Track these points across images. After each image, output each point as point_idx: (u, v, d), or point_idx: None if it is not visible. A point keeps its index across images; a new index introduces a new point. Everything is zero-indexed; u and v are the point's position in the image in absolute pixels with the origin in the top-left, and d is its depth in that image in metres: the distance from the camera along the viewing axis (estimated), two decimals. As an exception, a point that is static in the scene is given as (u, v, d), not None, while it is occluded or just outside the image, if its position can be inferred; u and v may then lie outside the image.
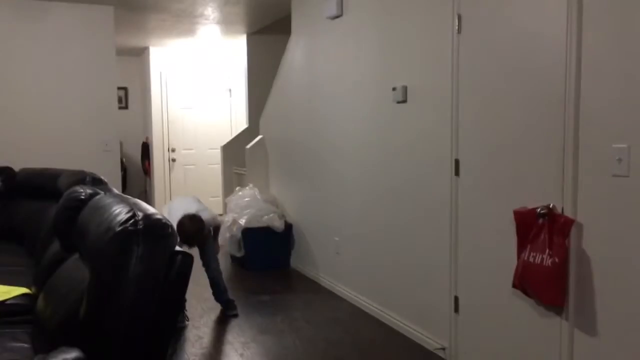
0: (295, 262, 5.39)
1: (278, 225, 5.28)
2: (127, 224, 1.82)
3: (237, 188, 5.88)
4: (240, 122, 8.10)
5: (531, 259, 2.46)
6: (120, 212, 1.91)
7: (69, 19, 5.33)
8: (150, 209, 1.98)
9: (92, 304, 1.82)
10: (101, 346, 1.74)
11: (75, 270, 2.22)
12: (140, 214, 1.86)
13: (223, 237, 5.36)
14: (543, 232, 2.43)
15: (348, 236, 4.37)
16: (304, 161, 5.10)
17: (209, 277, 4.13)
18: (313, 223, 5.00)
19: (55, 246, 2.78)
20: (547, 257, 2.39)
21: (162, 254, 1.85)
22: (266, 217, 5.30)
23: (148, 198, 8.63)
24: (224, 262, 5.26)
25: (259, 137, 6.09)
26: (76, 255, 2.37)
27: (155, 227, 1.84)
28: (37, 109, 5.30)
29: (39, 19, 5.25)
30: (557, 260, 2.36)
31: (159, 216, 1.91)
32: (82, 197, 2.57)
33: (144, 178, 8.86)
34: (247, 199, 5.50)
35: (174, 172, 8.33)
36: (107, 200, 2.24)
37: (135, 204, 2.01)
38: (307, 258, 5.13)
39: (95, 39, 5.44)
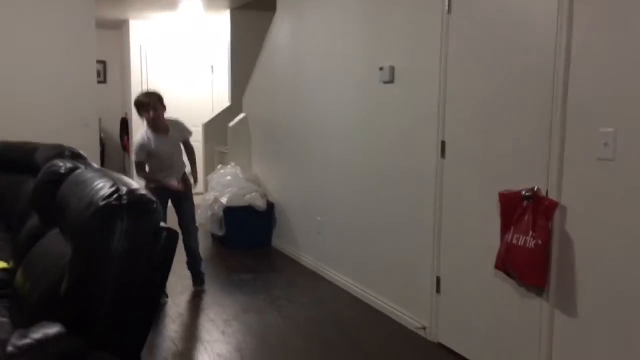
0: (276, 241, 5.38)
1: (260, 204, 5.25)
2: (111, 199, 1.77)
3: (219, 166, 5.82)
4: (222, 99, 7.98)
5: (514, 241, 2.48)
6: (103, 187, 1.86)
7: (47, -12, 5.17)
8: (134, 184, 1.93)
9: (74, 279, 1.78)
10: (83, 322, 1.71)
11: (56, 245, 2.17)
12: (124, 189, 1.81)
13: (204, 216, 5.32)
14: (527, 214, 2.45)
15: (330, 216, 4.36)
16: (287, 140, 5.06)
17: (189, 246, 4.00)
18: (295, 202, 4.98)
19: (34, 220, 2.72)
20: (530, 239, 2.41)
21: (147, 229, 1.81)
22: (248, 195, 5.26)
23: (126, 174, 8.50)
24: (205, 241, 5.23)
25: (242, 115, 6.02)
26: (56, 230, 2.32)
27: (139, 202, 1.80)
28: (13, 83, 5.15)
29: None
30: (540, 242, 2.38)
31: (143, 191, 1.86)
32: (62, 170, 2.51)
33: (123, 154, 8.71)
34: (228, 178, 5.45)
35: (154, 148, 8.20)
36: (89, 174, 2.18)
37: (119, 179, 1.96)
38: (289, 237, 5.12)
39: (74, 10, 5.28)
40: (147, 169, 3.93)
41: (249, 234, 5.31)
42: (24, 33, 5.13)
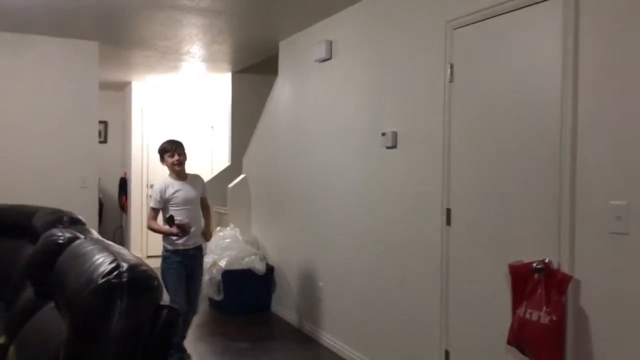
0: (276, 306, 5.24)
1: (259, 267, 5.15)
2: (111, 276, 1.70)
3: (218, 228, 5.74)
4: (221, 160, 8.00)
5: (527, 316, 2.39)
6: (103, 262, 1.80)
7: (53, 53, 5.24)
8: (134, 259, 1.87)
9: (69, 361, 1.68)
10: (78, 410, 1.60)
11: (51, 321, 2.08)
12: (124, 265, 1.75)
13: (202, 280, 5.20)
14: (540, 288, 2.37)
15: (332, 282, 4.26)
16: (288, 203, 5.01)
17: (187, 319, 3.84)
18: (296, 267, 4.88)
19: (29, 291, 2.62)
20: (544, 315, 2.32)
21: (147, 308, 1.73)
22: (247, 259, 5.17)
23: (124, 234, 8.40)
24: (202, 306, 5.08)
25: (242, 176, 6.00)
26: (52, 304, 2.23)
27: (140, 280, 1.73)
28: (16, 144, 5.13)
29: (22, 53, 5.14)
30: (554, 318, 2.30)
31: (144, 267, 1.80)
32: (61, 241, 2.42)
33: (121, 214, 8.64)
34: (227, 240, 5.37)
35: (152, 208, 8.14)
36: (88, 246, 2.11)
37: (119, 253, 1.89)
38: (289, 302, 4.99)
39: (79, 73, 5.34)
40: (159, 218, 3.88)
41: (248, 299, 5.18)
42: (27, 94, 5.16)
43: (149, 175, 8.10)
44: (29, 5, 4.18)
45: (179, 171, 3.92)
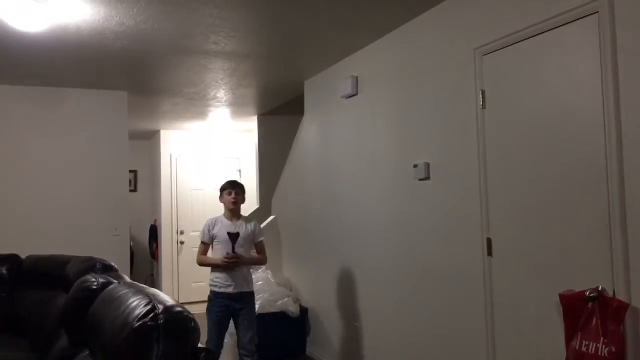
0: (311, 349, 5.09)
1: (293, 310, 5.04)
2: (147, 319, 1.65)
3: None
4: (250, 203, 8.00)
5: (584, 349, 2.24)
6: (138, 305, 1.75)
7: (84, 105, 5.37)
8: (170, 301, 1.81)
9: (106, 411, 1.61)
10: None
11: (86, 370, 2.02)
12: (160, 307, 1.70)
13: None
14: (595, 318, 2.23)
15: (369, 321, 4.12)
16: (319, 242, 4.93)
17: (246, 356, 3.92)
18: (330, 307, 4.75)
19: (63, 341, 2.58)
20: (602, 347, 2.17)
21: (185, 351, 1.67)
22: (280, 301, 5.07)
23: (155, 282, 8.38)
24: (234, 352, 4.97)
25: (272, 217, 5.96)
26: (86, 352, 2.17)
27: (177, 322, 1.67)
28: (49, 195, 5.22)
29: (54, 106, 5.28)
30: (614, 349, 2.14)
31: (180, 309, 1.74)
32: (95, 287, 2.40)
33: (151, 262, 8.65)
34: (260, 283, 5.28)
35: (183, 254, 8.14)
36: (122, 290, 2.07)
37: (155, 295, 1.84)
38: (325, 345, 4.84)
39: (109, 124, 5.45)
40: (210, 254, 4.02)
41: (282, 343, 5.05)
42: (60, 145, 5.28)
43: (179, 222, 8.13)
44: (60, 59, 4.30)
45: (233, 209, 4.06)
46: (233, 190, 4.06)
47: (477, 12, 3.01)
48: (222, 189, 4.14)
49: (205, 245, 4.02)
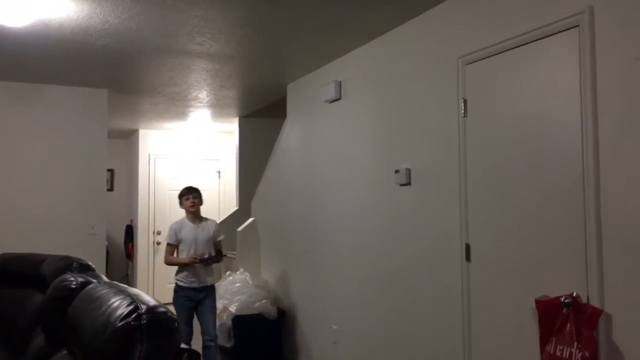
0: (288, 351, 5.09)
1: (271, 312, 5.04)
2: (129, 319, 1.64)
3: (227, 272, 5.65)
4: (229, 204, 7.97)
5: (558, 353, 2.29)
6: (120, 305, 1.73)
7: (63, 101, 5.29)
8: (153, 301, 1.80)
9: (87, 412, 1.60)
10: None
11: (64, 369, 2.00)
12: (143, 307, 1.69)
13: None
14: (569, 323, 2.29)
15: (347, 325, 4.14)
16: (299, 245, 4.94)
17: (208, 353, 4.14)
18: (308, 310, 4.77)
19: (39, 340, 2.54)
20: (576, 351, 2.23)
21: (168, 351, 1.66)
22: (258, 303, 5.06)
23: (130, 282, 8.28)
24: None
25: (251, 219, 5.95)
26: (64, 352, 2.15)
27: (160, 322, 1.67)
28: (24, 191, 5.13)
29: (32, 102, 5.20)
30: (587, 354, 2.20)
31: (163, 309, 1.73)
32: (73, 285, 2.37)
33: (126, 261, 8.55)
34: (237, 284, 5.27)
35: (158, 255, 8.06)
36: (103, 290, 2.05)
37: (137, 295, 1.83)
38: (302, 348, 4.85)
39: (88, 122, 5.38)
40: (175, 254, 4.38)
41: (259, 345, 5.04)
42: (38, 142, 5.19)
43: (156, 222, 8.06)
44: (40, 55, 4.24)
45: (193, 212, 4.40)
46: (190, 195, 4.40)
47: (462, 21, 3.06)
48: (180, 196, 4.47)
49: (172, 247, 4.37)
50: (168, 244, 4.41)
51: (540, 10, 2.55)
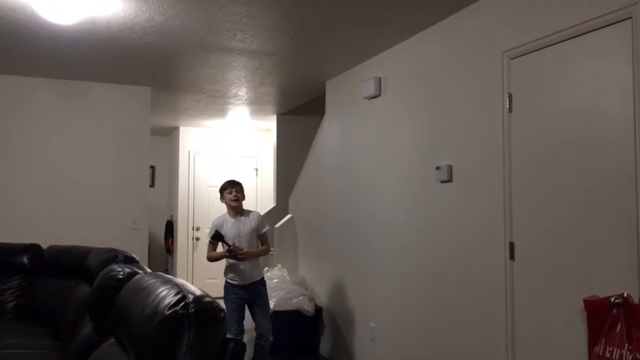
0: (325, 348, 5.10)
1: (308, 308, 5.05)
2: (177, 307, 1.67)
3: (265, 268, 5.69)
4: (267, 201, 8.04)
5: (607, 354, 2.22)
6: (168, 294, 1.77)
7: (108, 99, 5.43)
8: (199, 291, 1.83)
9: (136, 397, 1.64)
10: None
11: (113, 356, 2.05)
12: (190, 296, 1.71)
13: (250, 321, 5.13)
14: (619, 324, 2.22)
15: (386, 323, 4.12)
16: (336, 242, 4.94)
17: (259, 351, 4.20)
18: (346, 307, 4.76)
19: (87, 329, 2.62)
20: (626, 353, 2.16)
21: (214, 340, 1.69)
22: (295, 299, 5.08)
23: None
24: (249, 348, 4.99)
25: (288, 216, 5.98)
26: (112, 340, 2.20)
27: (207, 311, 1.69)
28: (70, 186, 5.29)
29: (78, 99, 5.35)
30: (638, 356, 2.13)
31: (209, 299, 1.76)
32: (121, 276, 2.43)
33: (166, 256, 8.71)
34: (275, 280, 5.30)
35: (197, 250, 8.19)
36: (150, 280, 2.09)
37: (183, 285, 1.87)
38: (339, 345, 4.85)
39: (132, 119, 5.50)
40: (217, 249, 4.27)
41: (296, 341, 5.06)
42: (83, 138, 5.34)
43: (195, 218, 8.19)
44: (87, 53, 4.35)
45: (235, 207, 4.26)
46: (233, 189, 4.25)
47: (506, 14, 3.01)
48: (222, 189, 4.33)
49: (213, 245, 4.27)
50: (210, 242, 4.32)
51: (590, 2, 2.48)
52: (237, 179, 4.58)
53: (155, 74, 5.06)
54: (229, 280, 4.23)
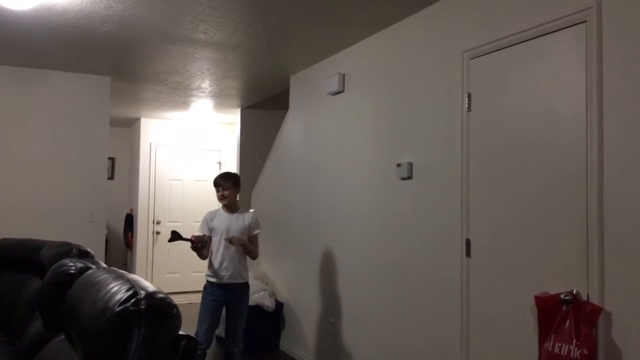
0: (285, 344, 5.10)
1: (268, 304, 5.03)
2: (128, 304, 1.64)
3: (226, 264, 5.64)
4: (229, 195, 7.96)
5: (557, 350, 2.29)
6: (119, 290, 1.73)
7: (65, 88, 5.27)
8: (152, 287, 1.80)
9: (83, 395, 1.60)
10: None
11: (62, 353, 2.00)
12: (142, 292, 1.68)
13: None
14: (568, 321, 2.28)
15: (346, 318, 4.14)
16: (298, 237, 4.94)
17: (229, 353, 3.98)
18: (306, 303, 4.76)
19: (37, 325, 2.54)
20: (574, 348, 2.22)
21: (166, 337, 1.66)
22: (256, 295, 5.05)
23: (128, 271, 8.25)
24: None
25: (251, 210, 5.92)
26: (61, 337, 2.14)
27: (159, 308, 1.66)
28: (25, 177, 5.12)
29: (34, 87, 5.18)
30: (585, 352, 2.20)
31: (162, 295, 1.73)
32: (72, 271, 2.36)
33: (125, 250, 8.55)
34: (236, 276, 5.25)
35: (158, 244, 8.06)
36: (102, 275, 2.04)
37: (136, 281, 1.83)
38: (299, 340, 4.85)
39: (91, 109, 5.36)
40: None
41: (256, 336, 5.03)
42: (39, 128, 5.18)
43: (156, 211, 8.05)
44: (42, 39, 4.22)
45: (225, 205, 4.02)
46: (220, 187, 3.99)
47: (467, 15, 3.04)
48: (214, 184, 4.07)
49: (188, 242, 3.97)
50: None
51: (548, 5, 2.53)
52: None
53: (116, 63, 4.94)
54: (207, 278, 3.95)
